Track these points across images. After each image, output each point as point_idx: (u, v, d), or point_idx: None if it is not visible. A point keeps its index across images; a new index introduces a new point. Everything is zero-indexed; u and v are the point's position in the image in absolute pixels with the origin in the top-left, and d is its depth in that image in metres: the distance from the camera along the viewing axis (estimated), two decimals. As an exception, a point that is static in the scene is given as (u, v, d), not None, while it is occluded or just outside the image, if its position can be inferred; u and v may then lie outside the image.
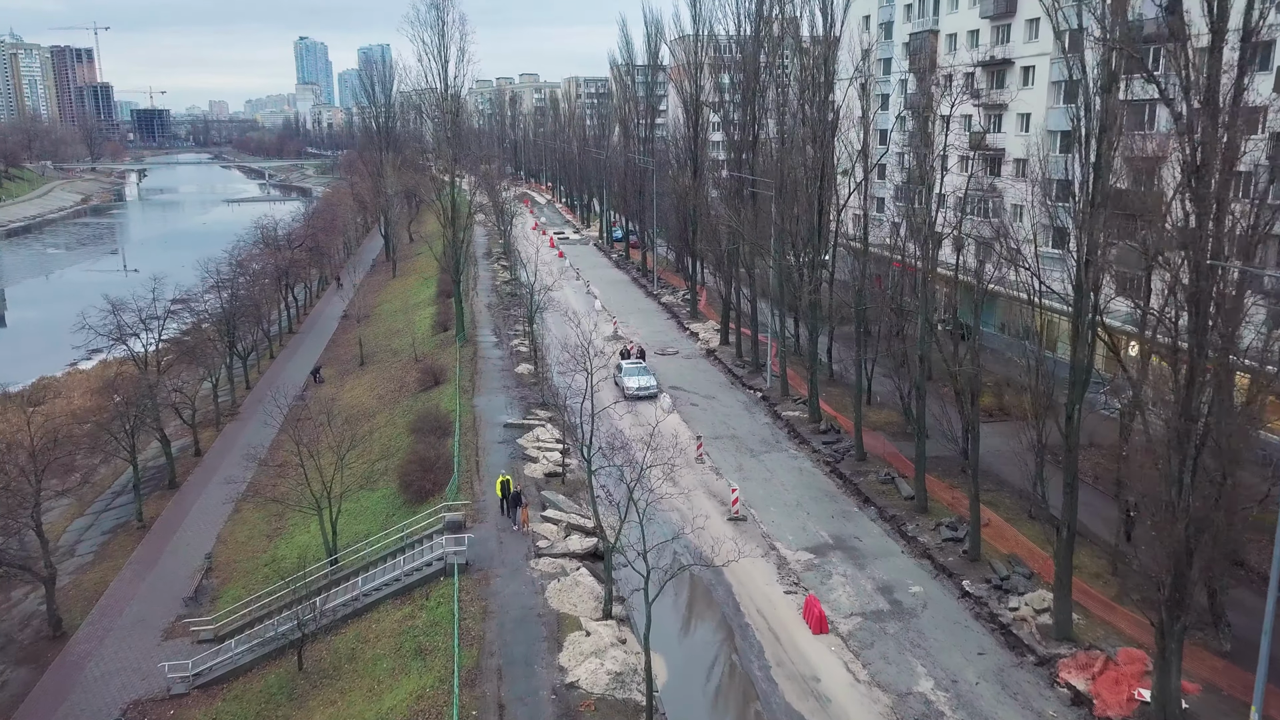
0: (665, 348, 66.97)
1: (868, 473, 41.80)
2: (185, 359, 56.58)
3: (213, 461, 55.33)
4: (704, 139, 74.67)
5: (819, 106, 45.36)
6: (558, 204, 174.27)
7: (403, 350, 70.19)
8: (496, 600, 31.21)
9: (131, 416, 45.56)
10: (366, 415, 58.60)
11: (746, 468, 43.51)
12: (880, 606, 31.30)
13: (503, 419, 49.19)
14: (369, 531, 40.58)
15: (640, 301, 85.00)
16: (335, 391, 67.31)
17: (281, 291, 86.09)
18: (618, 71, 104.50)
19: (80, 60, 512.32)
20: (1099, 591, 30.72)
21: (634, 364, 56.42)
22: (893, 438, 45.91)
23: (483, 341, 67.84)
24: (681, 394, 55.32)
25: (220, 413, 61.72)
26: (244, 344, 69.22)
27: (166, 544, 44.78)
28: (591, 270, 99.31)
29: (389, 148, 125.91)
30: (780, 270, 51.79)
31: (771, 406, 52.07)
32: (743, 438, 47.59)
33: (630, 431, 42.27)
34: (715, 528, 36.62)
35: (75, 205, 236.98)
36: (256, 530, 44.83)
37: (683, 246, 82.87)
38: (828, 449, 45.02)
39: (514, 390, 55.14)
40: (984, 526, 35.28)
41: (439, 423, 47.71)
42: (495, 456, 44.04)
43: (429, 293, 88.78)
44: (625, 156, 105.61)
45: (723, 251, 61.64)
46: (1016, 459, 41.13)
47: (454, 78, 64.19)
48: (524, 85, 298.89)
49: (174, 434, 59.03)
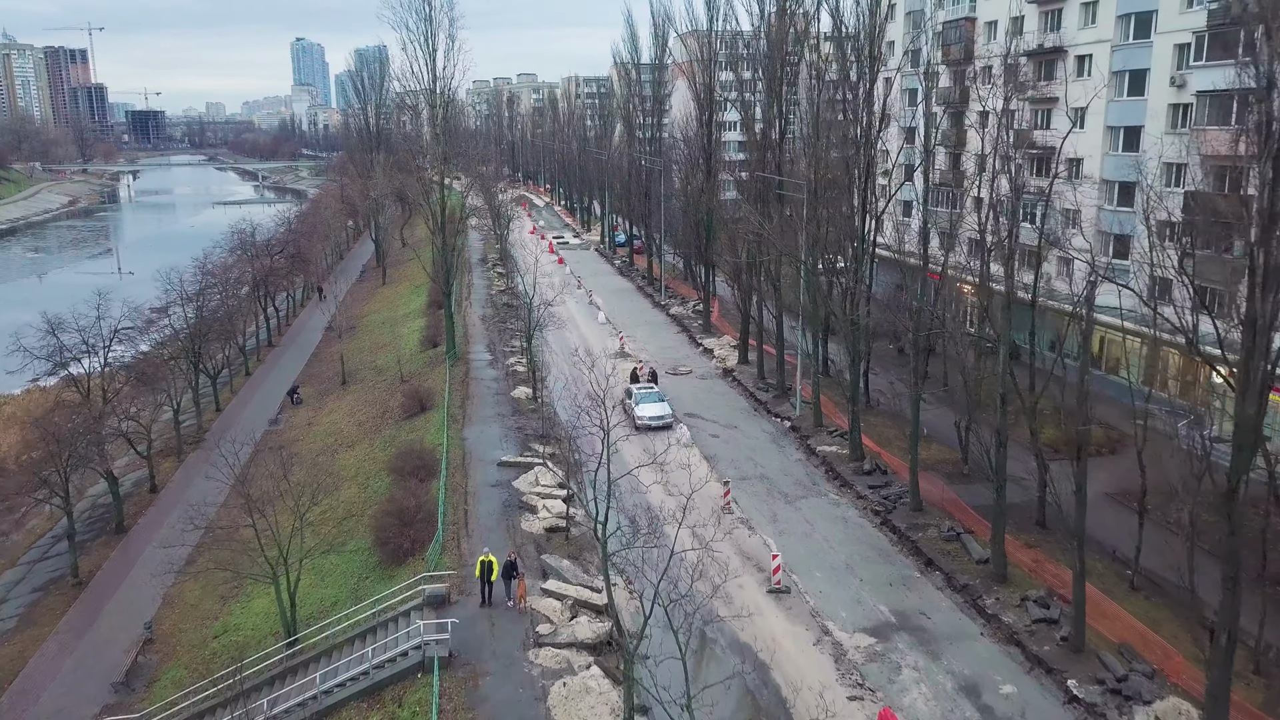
0: (677, 366, 60.61)
1: (926, 526, 35.42)
2: (140, 385, 50.09)
3: (170, 498, 48.93)
4: (718, 138, 68.30)
5: (865, 96, 39.08)
6: (556, 206, 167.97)
7: (388, 369, 63.82)
8: (485, 710, 24.81)
9: (66, 456, 39.14)
10: (345, 444, 52.22)
11: (782, 518, 37.14)
12: (967, 715, 24.95)
13: (497, 455, 42.83)
14: (336, 599, 34.21)
15: (647, 313, 78.64)
16: (313, 415, 60.96)
17: (260, 302, 79.71)
18: (623, 68, 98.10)
19: (74, 61, 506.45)
20: (1242, 697, 24.39)
21: (646, 389, 50.04)
22: (948, 480, 39.59)
23: (475, 360, 61.47)
24: (699, 423, 48.95)
25: (183, 441, 55.34)
26: (213, 363, 62.87)
27: (105, 604, 38.41)
28: (593, 278, 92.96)
29: (380, 148, 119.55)
30: (812, 283, 45.47)
31: (803, 439, 45.69)
32: (774, 478, 41.22)
33: (651, 491, 35.92)
34: (752, 601, 30.25)
35: (62, 207, 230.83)
36: (210, 588, 38.35)
37: (693, 253, 76.58)
38: (875, 494, 38.65)
39: (510, 419, 48.76)
40: (1076, 600, 29.05)
41: (423, 461, 41.34)
42: (487, 505, 37.65)
43: (419, 303, 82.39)
44: (630, 157, 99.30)
45: (743, 260, 55.27)
46: (1105, 511, 35.01)
47: (443, 68, 57.87)
48: (521, 85, 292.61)
49: (127, 467, 52.72)
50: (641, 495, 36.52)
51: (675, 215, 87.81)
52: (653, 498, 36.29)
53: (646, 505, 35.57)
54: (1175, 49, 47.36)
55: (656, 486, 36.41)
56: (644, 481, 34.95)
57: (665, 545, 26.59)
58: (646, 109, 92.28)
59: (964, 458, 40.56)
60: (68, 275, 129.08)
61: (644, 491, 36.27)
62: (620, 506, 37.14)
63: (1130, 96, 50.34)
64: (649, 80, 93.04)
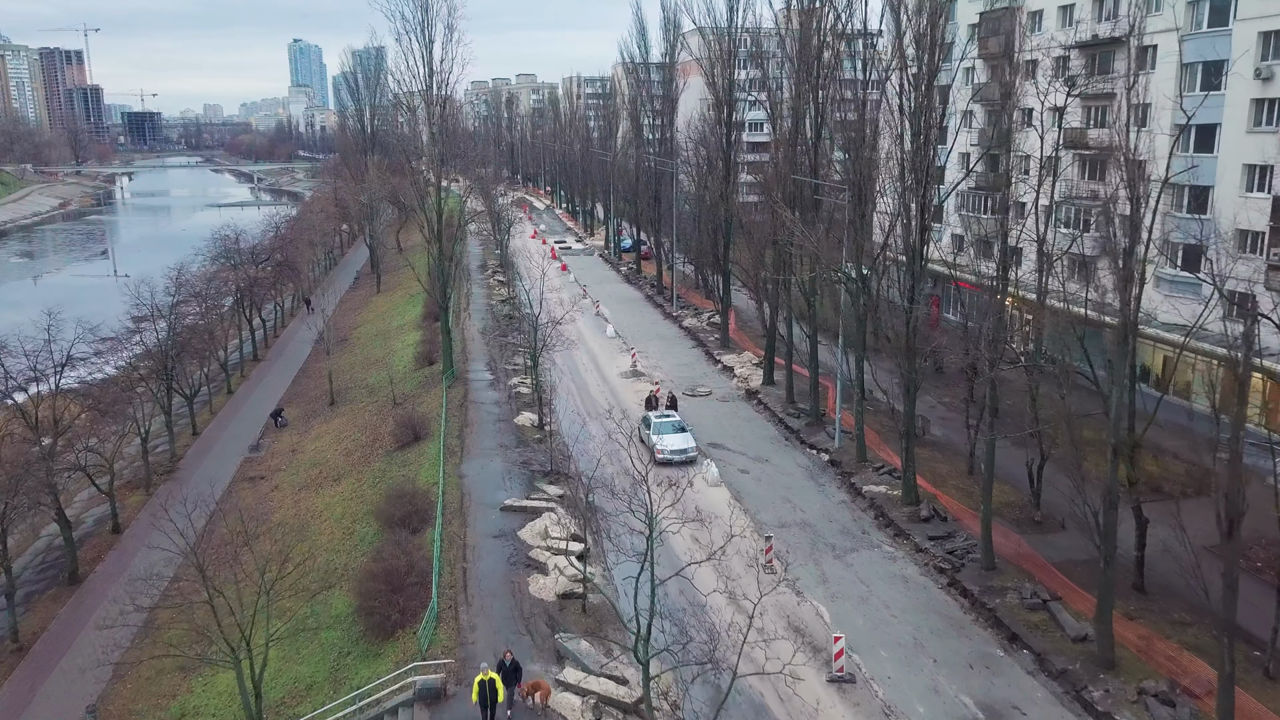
0: (695, 386, 55.46)
1: (1004, 590, 30.23)
2: (103, 413, 44.92)
3: (135, 538, 43.70)
4: (736, 138, 63.20)
5: (926, 87, 33.96)
6: (557, 209, 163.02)
7: (380, 388, 58.65)
8: None
9: (3, 509, 33.92)
10: (330, 478, 47.07)
11: (832, 577, 31.97)
12: None
13: (499, 498, 37.64)
14: (313, 680, 29.06)
15: (658, 325, 73.50)
16: (298, 439, 55.83)
17: (244, 314, 74.51)
18: (630, 64, 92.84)
19: (70, 62, 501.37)
20: None
21: (666, 417, 44.79)
22: (1017, 528, 34.46)
23: (475, 379, 56.31)
24: (725, 454, 43.80)
25: (152, 471, 50.15)
26: (190, 381, 57.68)
27: (46, 676, 33.22)
28: (599, 286, 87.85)
29: (374, 150, 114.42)
30: (857, 299, 40.34)
31: (846, 476, 40.52)
32: (817, 525, 36.03)
33: (675, 537, 30.56)
34: (812, 696, 25.04)
35: (52, 210, 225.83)
36: (169, 659, 33.11)
37: (709, 261, 71.52)
38: (936, 547, 33.48)
39: (513, 450, 43.60)
40: (1202, 696, 23.98)
41: (415, 506, 36.15)
42: (489, 562, 32.47)
43: (414, 314, 77.26)
44: (637, 158, 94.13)
45: (768, 270, 50.16)
46: (1208, 568, 29.74)
47: (441, 61, 52.79)
48: (521, 86, 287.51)
49: (90, 502, 47.61)
50: (667, 548, 31.30)
51: (686, 220, 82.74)
52: (678, 545, 31.02)
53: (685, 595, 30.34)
54: (1260, 37, 42.30)
55: (681, 533, 31.03)
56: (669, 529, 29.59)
57: (718, 666, 21.69)
58: (656, 108, 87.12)
59: (1035, 503, 35.46)
60: (63, 277, 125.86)
61: (667, 540, 31.02)
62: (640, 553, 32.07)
63: (1204, 91, 45.24)
64: (659, 80, 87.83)
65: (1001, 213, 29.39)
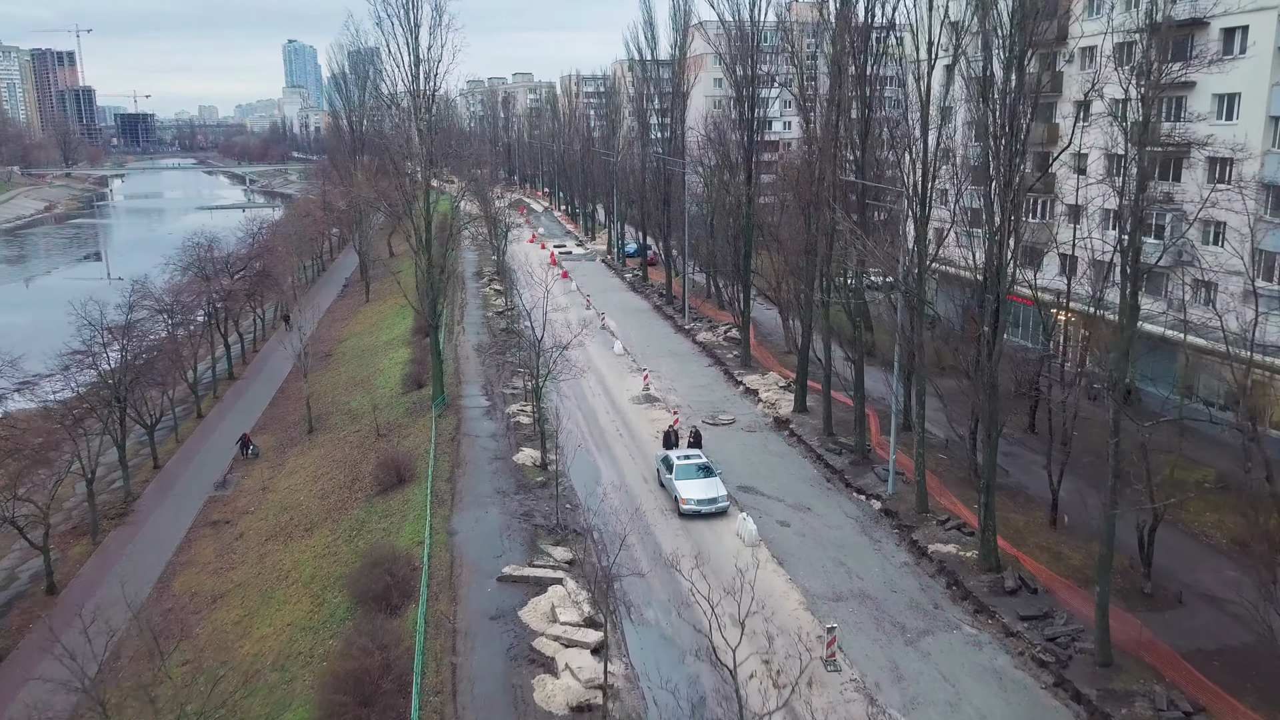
0: (716, 413, 49.33)
1: (1130, 697, 24.11)
2: (34, 458, 38.85)
3: (76, 597, 37.55)
4: (759, 137, 57.10)
5: (1019, 72, 28.01)
6: (556, 212, 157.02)
7: (362, 414, 52.51)
8: None
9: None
10: (302, 527, 40.95)
11: (907, 672, 25.83)
12: None
13: (497, 565, 31.45)
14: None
15: (670, 340, 67.32)
16: (271, 474, 49.76)
17: (218, 329, 68.38)
18: (637, 58, 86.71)
19: (62, 63, 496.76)
20: None
21: (689, 458, 38.42)
22: (1124, 602, 28.31)
23: (468, 406, 50.19)
24: (758, 500, 37.66)
25: (100, 516, 44.03)
26: (150, 410, 51.59)
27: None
28: (603, 295, 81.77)
29: (363, 150, 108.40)
30: (918, 318, 34.31)
31: (906, 532, 34.32)
32: (879, 598, 29.88)
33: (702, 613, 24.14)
34: None
35: (37, 214, 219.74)
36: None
37: (726, 269, 65.53)
38: (1031, 630, 27.33)
39: (513, 499, 37.43)
40: None
41: (395, 577, 29.98)
42: (484, 656, 26.31)
43: (403, 327, 71.11)
44: (643, 158, 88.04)
45: (809, 284, 44.13)
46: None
47: (428, 48, 46.74)
48: (518, 85, 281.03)
49: (22, 557, 41.54)
50: (690, 611, 25.07)
51: (696, 223, 76.71)
52: (703, 612, 24.74)
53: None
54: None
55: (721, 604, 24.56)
56: (697, 599, 22.97)
57: None
58: (664, 106, 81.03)
59: (1146, 572, 29.38)
60: (56, 280, 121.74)
61: (692, 614, 24.52)
62: (672, 644, 25.94)
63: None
64: (668, 77, 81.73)
65: (1134, 224, 23.38)
